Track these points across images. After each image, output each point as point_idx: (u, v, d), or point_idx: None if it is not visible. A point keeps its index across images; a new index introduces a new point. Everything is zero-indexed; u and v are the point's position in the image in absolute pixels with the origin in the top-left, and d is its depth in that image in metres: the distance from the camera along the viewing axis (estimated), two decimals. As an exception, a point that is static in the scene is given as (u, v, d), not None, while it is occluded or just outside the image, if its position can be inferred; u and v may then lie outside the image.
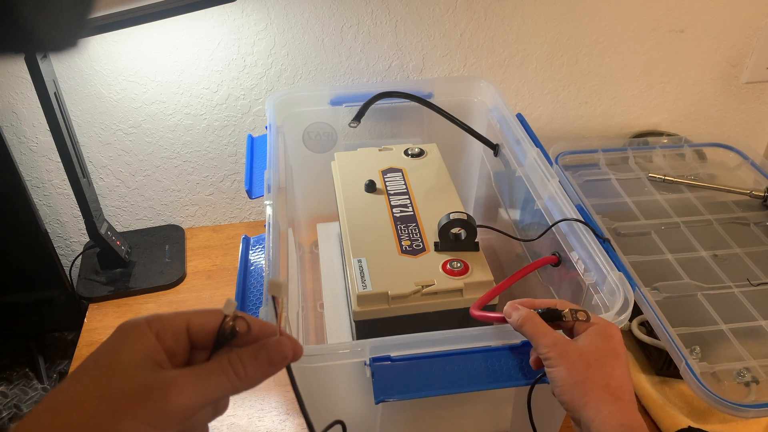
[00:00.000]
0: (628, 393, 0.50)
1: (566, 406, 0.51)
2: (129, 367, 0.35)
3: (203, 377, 0.36)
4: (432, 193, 0.79)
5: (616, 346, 0.52)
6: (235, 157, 1.05)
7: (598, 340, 0.52)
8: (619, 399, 0.49)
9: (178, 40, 0.91)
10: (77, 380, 0.35)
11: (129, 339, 0.37)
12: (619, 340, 0.53)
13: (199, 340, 0.39)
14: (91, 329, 0.91)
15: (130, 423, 0.33)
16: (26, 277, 0.93)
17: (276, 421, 0.78)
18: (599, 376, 0.50)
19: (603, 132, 1.15)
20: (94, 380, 0.35)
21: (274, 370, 0.39)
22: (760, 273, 0.80)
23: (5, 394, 0.92)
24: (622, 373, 0.51)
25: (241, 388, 0.38)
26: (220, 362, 0.37)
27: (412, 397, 0.54)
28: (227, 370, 0.37)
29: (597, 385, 0.49)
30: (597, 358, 0.51)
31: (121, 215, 1.07)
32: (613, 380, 0.50)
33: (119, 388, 0.34)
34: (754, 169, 1.00)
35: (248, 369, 0.37)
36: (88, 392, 0.34)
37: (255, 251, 0.70)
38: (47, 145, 0.96)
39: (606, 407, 0.48)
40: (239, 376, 0.37)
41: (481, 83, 0.94)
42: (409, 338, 0.56)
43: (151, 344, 0.37)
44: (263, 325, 0.40)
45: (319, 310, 0.86)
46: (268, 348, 0.38)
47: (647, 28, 1.03)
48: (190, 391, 0.35)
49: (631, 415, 0.48)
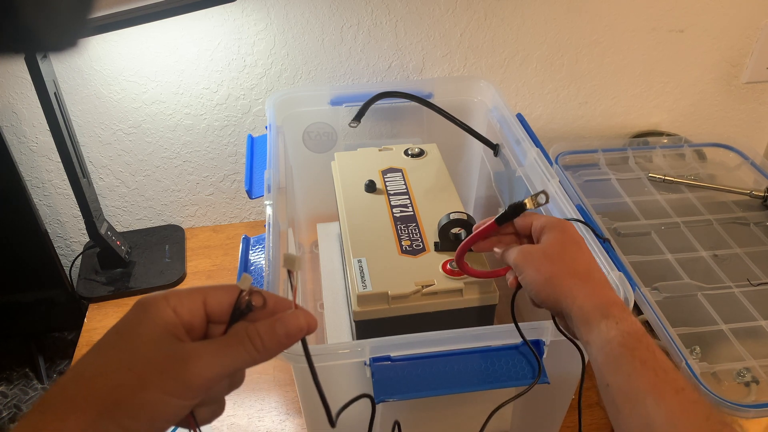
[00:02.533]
0: (597, 272, 0.53)
1: (545, 305, 0.53)
2: (150, 339, 0.36)
3: (223, 349, 0.37)
4: (432, 193, 0.79)
5: (573, 236, 0.55)
6: (235, 157, 1.05)
7: (555, 235, 0.55)
8: (588, 280, 0.52)
9: (178, 40, 0.91)
10: (101, 353, 0.37)
11: (149, 313, 0.38)
12: (574, 230, 0.56)
13: (215, 315, 0.40)
14: (91, 329, 0.91)
15: (154, 392, 0.35)
16: (26, 277, 0.93)
17: (276, 421, 0.78)
18: (564, 266, 0.53)
19: (603, 132, 1.15)
20: (118, 351, 0.36)
21: (290, 342, 0.39)
22: (760, 273, 0.80)
23: (5, 394, 0.92)
24: (585, 256, 0.54)
25: (259, 359, 0.38)
26: (238, 334, 0.38)
27: (412, 397, 0.54)
28: (245, 342, 0.38)
29: (565, 275, 0.52)
30: (558, 251, 0.54)
31: (121, 215, 1.07)
32: (579, 265, 0.53)
33: (143, 359, 0.35)
34: (754, 169, 1.00)
35: (265, 340, 0.38)
36: (112, 363, 0.35)
37: (255, 251, 0.70)
38: (47, 145, 0.96)
39: (579, 292, 0.50)
40: (257, 348, 0.38)
41: (481, 83, 0.94)
42: (409, 338, 0.56)
43: (170, 318, 0.37)
44: (278, 299, 0.41)
45: (319, 310, 0.86)
46: (284, 320, 0.39)
47: (647, 28, 1.03)
48: (210, 362, 0.36)
49: (605, 293, 0.51)
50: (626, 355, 0.45)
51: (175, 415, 0.36)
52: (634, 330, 0.47)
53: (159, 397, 0.35)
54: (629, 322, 0.47)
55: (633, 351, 0.45)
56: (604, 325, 0.47)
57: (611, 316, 0.48)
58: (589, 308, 0.49)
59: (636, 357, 0.45)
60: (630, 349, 0.45)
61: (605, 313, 0.48)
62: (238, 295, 0.40)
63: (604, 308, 0.48)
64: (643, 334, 0.47)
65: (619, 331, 0.46)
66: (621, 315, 0.48)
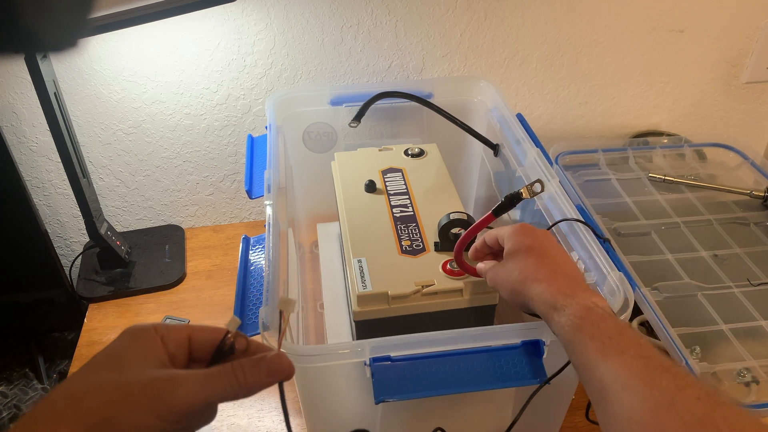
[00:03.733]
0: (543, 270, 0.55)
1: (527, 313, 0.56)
2: (139, 362, 0.38)
3: (208, 379, 0.39)
4: (432, 193, 0.79)
5: (523, 240, 0.58)
6: (235, 157, 1.05)
7: (510, 245, 0.58)
8: (536, 281, 0.54)
9: (178, 40, 0.91)
10: (90, 372, 0.38)
11: (137, 339, 0.40)
12: (526, 232, 0.59)
13: (198, 353, 0.42)
14: (91, 329, 0.91)
15: (140, 413, 0.36)
16: (26, 277, 0.93)
17: (276, 421, 0.78)
18: (518, 275, 0.56)
19: (603, 132, 1.15)
20: (107, 371, 0.38)
21: (272, 381, 0.41)
22: (760, 273, 0.80)
23: (5, 394, 0.92)
24: (533, 258, 0.56)
25: (240, 394, 0.40)
26: (224, 368, 0.40)
27: (412, 397, 0.54)
28: (230, 376, 0.40)
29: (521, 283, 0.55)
30: (513, 261, 0.57)
31: (121, 215, 1.07)
32: (527, 269, 0.55)
33: (132, 380, 0.37)
34: (754, 169, 1.00)
35: (248, 377, 0.40)
36: (102, 382, 0.37)
37: (255, 251, 0.70)
38: (47, 145, 0.96)
39: (533, 294, 0.53)
40: (240, 383, 0.40)
41: (481, 83, 0.94)
42: (409, 338, 0.56)
43: (157, 346, 0.40)
44: (260, 346, 0.43)
45: (319, 310, 0.86)
46: (267, 361, 0.41)
47: (647, 28, 1.03)
48: (194, 389, 0.38)
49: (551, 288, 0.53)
50: (577, 335, 0.48)
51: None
52: (581, 310, 0.49)
53: (145, 417, 0.36)
54: (575, 305, 0.50)
55: (581, 330, 0.48)
56: (557, 316, 0.50)
57: (559, 306, 0.50)
58: (543, 307, 0.52)
59: (585, 333, 0.47)
60: (578, 329, 0.48)
61: (554, 305, 0.51)
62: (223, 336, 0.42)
63: (552, 301, 0.51)
64: (588, 310, 0.49)
65: (567, 317, 0.49)
66: (566, 301, 0.50)
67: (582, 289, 0.52)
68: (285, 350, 0.53)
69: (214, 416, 0.42)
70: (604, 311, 0.49)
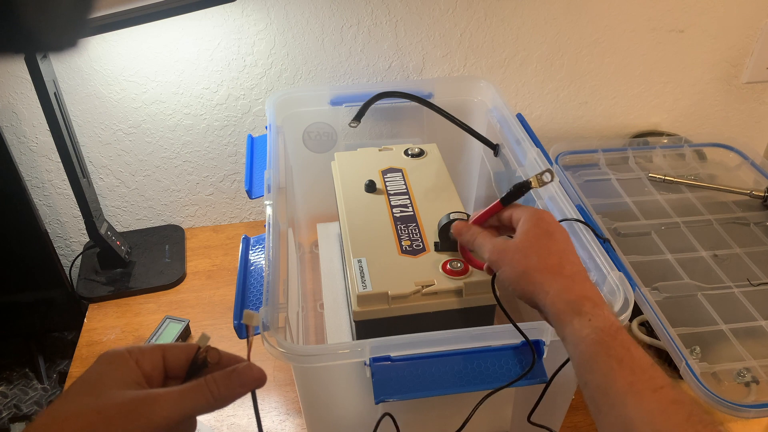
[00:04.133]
0: (570, 265, 0.52)
1: (522, 299, 0.53)
2: (116, 386, 0.40)
3: (183, 394, 0.41)
4: (432, 193, 0.79)
5: (548, 228, 0.54)
6: (235, 157, 1.05)
7: (530, 228, 0.54)
8: (560, 274, 0.50)
9: (178, 40, 0.91)
10: (70, 399, 0.40)
11: (112, 365, 0.41)
12: (551, 220, 0.55)
13: (173, 370, 0.44)
14: (91, 329, 0.91)
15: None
16: (26, 277, 0.93)
17: (276, 421, 0.78)
18: (536, 261, 0.52)
19: (603, 132, 1.15)
20: (86, 397, 0.39)
21: (244, 391, 0.43)
22: (760, 273, 0.80)
23: (5, 394, 0.92)
24: (558, 247, 0.53)
25: (215, 406, 0.42)
26: (198, 383, 0.42)
27: (412, 397, 0.54)
28: (204, 390, 0.41)
29: (537, 270, 0.51)
30: (531, 245, 0.53)
31: (121, 215, 1.07)
32: (551, 259, 0.52)
33: (110, 403, 0.39)
34: (754, 169, 1.00)
35: (221, 389, 0.42)
36: (83, 407, 0.38)
37: (255, 251, 0.70)
38: (47, 145, 0.96)
39: (551, 287, 0.50)
40: (214, 395, 0.41)
41: (481, 83, 0.94)
42: (409, 338, 0.56)
43: (132, 369, 0.42)
44: (231, 357, 0.45)
45: (319, 310, 0.86)
46: (239, 372, 0.43)
47: (647, 28, 1.03)
48: (171, 406, 0.40)
49: (577, 288, 0.49)
50: (601, 353, 0.44)
51: None
52: (608, 326, 0.45)
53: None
54: (602, 318, 0.46)
55: (608, 349, 0.44)
56: (577, 322, 0.47)
57: (584, 313, 0.47)
58: (561, 305, 0.48)
59: (612, 356, 0.44)
60: (605, 347, 0.44)
61: (577, 309, 0.47)
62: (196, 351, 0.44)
63: (576, 304, 0.48)
64: (618, 329, 0.45)
65: (592, 329, 0.46)
66: (593, 311, 0.47)
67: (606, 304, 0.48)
68: (284, 350, 0.54)
69: (194, 428, 0.44)
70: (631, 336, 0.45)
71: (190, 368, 0.44)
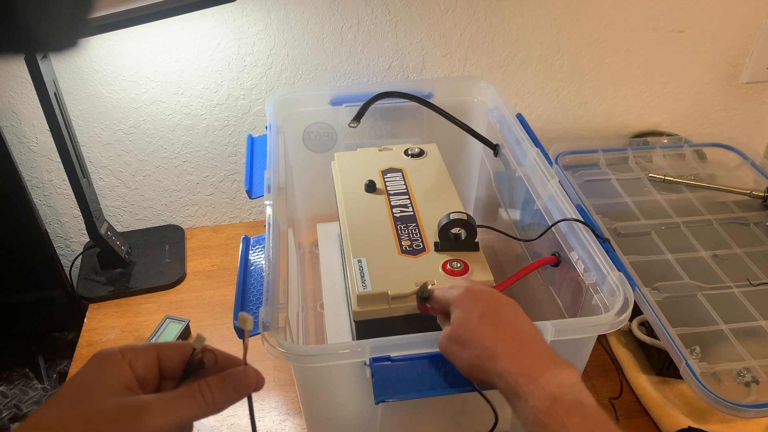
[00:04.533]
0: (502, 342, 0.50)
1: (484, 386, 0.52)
2: (105, 392, 0.38)
3: (175, 401, 0.39)
4: (432, 193, 0.79)
5: (483, 310, 0.52)
6: (235, 157, 1.05)
7: (458, 314, 0.53)
8: (494, 358, 0.49)
9: (178, 40, 0.91)
10: (57, 405, 0.38)
11: (104, 367, 0.40)
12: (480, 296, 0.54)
13: (168, 371, 0.42)
14: (91, 329, 0.91)
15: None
16: (26, 277, 0.93)
17: (276, 421, 0.78)
18: (477, 349, 0.50)
19: (603, 132, 1.15)
20: (74, 403, 0.38)
21: (239, 397, 0.42)
22: (760, 273, 0.80)
23: (5, 394, 0.92)
24: (489, 328, 0.51)
25: (209, 412, 0.40)
26: (190, 388, 0.40)
27: (412, 397, 0.54)
28: (196, 396, 0.40)
29: (480, 359, 0.50)
30: (464, 332, 0.52)
31: (121, 215, 1.07)
32: (486, 341, 0.50)
33: (98, 411, 0.37)
34: (754, 169, 0.99)
35: (215, 395, 0.40)
36: (69, 415, 0.37)
37: (255, 251, 0.70)
38: (47, 145, 0.96)
39: (494, 373, 0.49)
40: (207, 402, 0.40)
41: (481, 83, 0.94)
42: (409, 338, 0.56)
43: (125, 372, 0.40)
44: (228, 357, 0.43)
45: (319, 310, 0.86)
46: (233, 377, 0.42)
47: (647, 28, 1.03)
48: (162, 414, 0.38)
49: (512, 367, 0.48)
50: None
51: None
52: (544, 402, 0.45)
53: None
54: (538, 393, 0.45)
55: (544, 427, 0.44)
56: (518, 405, 0.47)
57: (520, 394, 0.46)
58: (506, 392, 0.48)
59: None
60: (542, 427, 0.44)
61: (514, 391, 0.47)
62: (191, 352, 0.42)
63: (514, 387, 0.47)
64: (553, 401, 0.45)
65: (530, 410, 0.45)
66: (528, 388, 0.46)
67: (547, 363, 0.48)
68: (284, 350, 0.54)
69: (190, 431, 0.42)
70: (573, 399, 0.45)
71: (185, 369, 0.42)
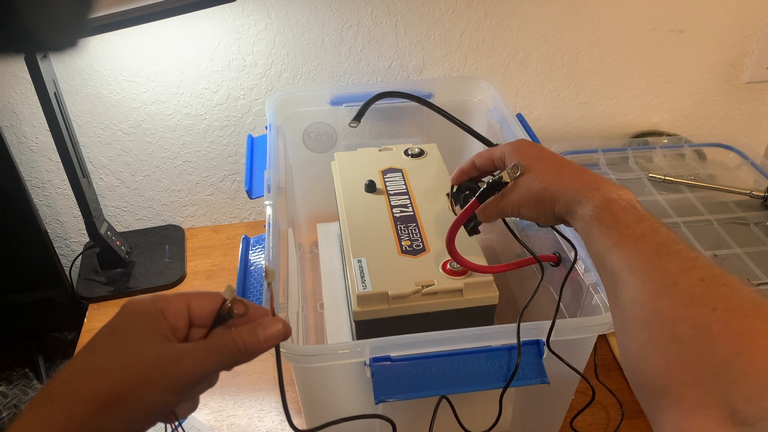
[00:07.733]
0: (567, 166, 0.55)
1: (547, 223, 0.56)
2: (142, 339, 0.40)
3: (210, 349, 0.41)
4: (432, 193, 0.79)
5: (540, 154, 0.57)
6: (235, 157, 1.05)
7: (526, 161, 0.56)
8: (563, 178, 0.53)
9: (178, 40, 0.91)
10: (98, 350, 0.40)
11: (139, 315, 0.41)
12: (537, 146, 0.59)
13: (198, 320, 0.43)
14: (91, 329, 0.91)
15: (151, 388, 0.38)
16: (26, 277, 0.93)
17: (276, 421, 0.78)
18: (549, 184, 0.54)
19: (603, 132, 1.15)
20: (114, 350, 0.39)
21: (269, 345, 0.43)
22: (760, 273, 0.80)
23: (5, 394, 0.92)
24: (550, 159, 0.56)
25: (241, 361, 0.42)
26: (223, 337, 0.42)
27: (412, 397, 0.54)
28: (230, 345, 0.42)
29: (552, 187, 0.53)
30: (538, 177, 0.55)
31: (121, 215, 1.07)
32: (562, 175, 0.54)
33: (139, 357, 0.39)
34: (754, 169, 1.00)
35: (247, 343, 0.42)
36: (110, 361, 0.39)
37: (255, 251, 0.70)
38: (47, 145, 0.96)
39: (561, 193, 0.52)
40: (240, 350, 0.42)
41: (481, 83, 0.94)
42: (409, 338, 0.56)
43: (158, 320, 0.41)
44: (256, 308, 0.45)
45: (319, 310, 0.86)
46: (264, 326, 0.43)
47: (647, 28, 1.03)
48: (199, 361, 0.40)
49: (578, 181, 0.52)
50: (594, 224, 0.48)
51: (166, 408, 0.40)
52: (603, 201, 0.49)
53: (156, 392, 0.38)
54: (598, 196, 0.49)
55: (600, 219, 0.47)
56: (580, 209, 0.50)
57: (582, 200, 0.50)
58: (569, 205, 0.51)
59: (602, 223, 0.47)
60: (597, 218, 0.48)
61: (578, 199, 0.50)
62: (221, 303, 0.43)
63: (578, 196, 0.51)
64: (611, 201, 0.48)
65: (589, 208, 0.49)
66: (591, 194, 0.50)
67: (607, 183, 0.51)
68: (284, 350, 0.54)
69: (215, 381, 0.44)
70: (628, 203, 0.48)
71: (216, 319, 0.43)
